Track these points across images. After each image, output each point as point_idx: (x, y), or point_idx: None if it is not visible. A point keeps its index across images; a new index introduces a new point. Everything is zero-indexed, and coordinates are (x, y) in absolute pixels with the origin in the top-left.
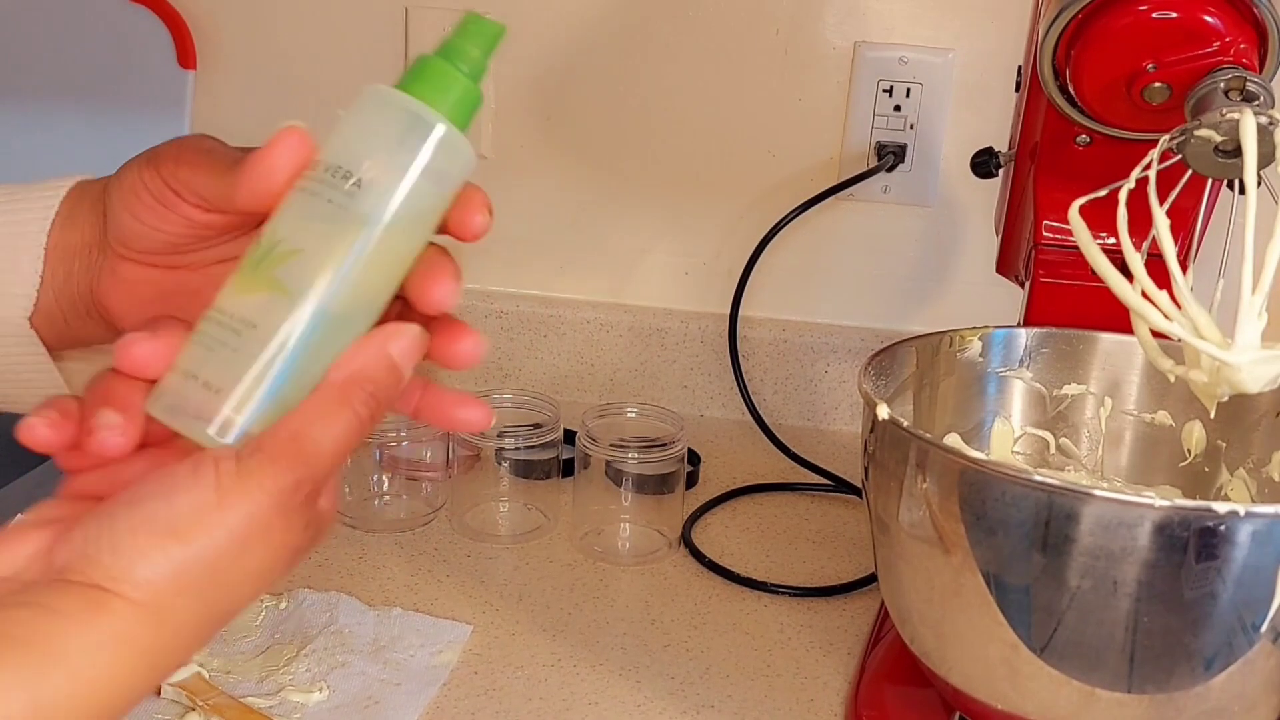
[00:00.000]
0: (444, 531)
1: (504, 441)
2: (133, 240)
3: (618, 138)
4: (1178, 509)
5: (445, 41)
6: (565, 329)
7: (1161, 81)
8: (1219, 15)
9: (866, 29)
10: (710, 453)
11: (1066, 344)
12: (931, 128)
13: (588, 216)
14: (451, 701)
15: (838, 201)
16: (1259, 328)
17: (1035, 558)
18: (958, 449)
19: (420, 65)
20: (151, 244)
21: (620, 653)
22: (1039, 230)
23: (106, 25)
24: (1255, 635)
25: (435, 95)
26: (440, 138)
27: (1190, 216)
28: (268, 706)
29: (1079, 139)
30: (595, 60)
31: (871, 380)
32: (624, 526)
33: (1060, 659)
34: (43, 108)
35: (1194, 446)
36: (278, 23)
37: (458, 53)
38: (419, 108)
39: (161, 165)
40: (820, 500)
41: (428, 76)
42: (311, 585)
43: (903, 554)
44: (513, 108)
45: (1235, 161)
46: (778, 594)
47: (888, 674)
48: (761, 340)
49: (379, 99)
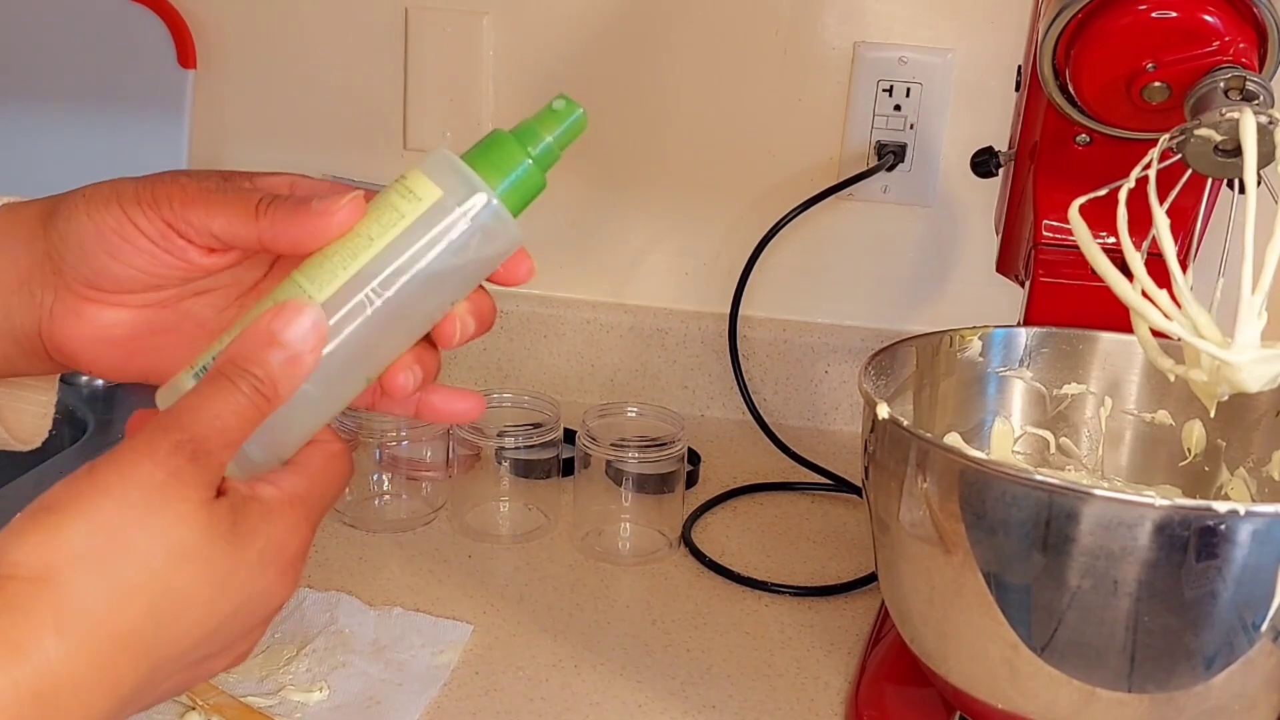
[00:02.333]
0: (444, 531)
1: (504, 441)
2: (108, 282)
3: (618, 138)
4: (1178, 508)
5: (525, 122)
6: (565, 329)
7: (1161, 81)
8: (1219, 15)
9: (866, 29)
10: (710, 452)
11: (1066, 343)
12: (931, 128)
13: (588, 216)
14: (452, 701)
15: (838, 201)
16: (1259, 327)
17: (1035, 557)
18: (958, 449)
19: (491, 139)
20: (131, 285)
21: (621, 653)
22: (1039, 230)
23: (106, 25)
24: (1255, 634)
25: (493, 171)
26: (480, 212)
27: (1190, 216)
28: (268, 706)
29: (1079, 139)
30: (595, 60)
31: (871, 380)
32: (624, 526)
33: (1060, 659)
34: (43, 108)
35: (1194, 446)
36: (278, 23)
37: (531, 135)
38: (472, 178)
39: (163, 207)
40: (820, 500)
41: (495, 151)
42: (312, 585)
43: (903, 554)
44: (513, 107)
45: (1235, 161)
46: (778, 594)
47: (888, 674)
48: (761, 340)
49: (441, 163)
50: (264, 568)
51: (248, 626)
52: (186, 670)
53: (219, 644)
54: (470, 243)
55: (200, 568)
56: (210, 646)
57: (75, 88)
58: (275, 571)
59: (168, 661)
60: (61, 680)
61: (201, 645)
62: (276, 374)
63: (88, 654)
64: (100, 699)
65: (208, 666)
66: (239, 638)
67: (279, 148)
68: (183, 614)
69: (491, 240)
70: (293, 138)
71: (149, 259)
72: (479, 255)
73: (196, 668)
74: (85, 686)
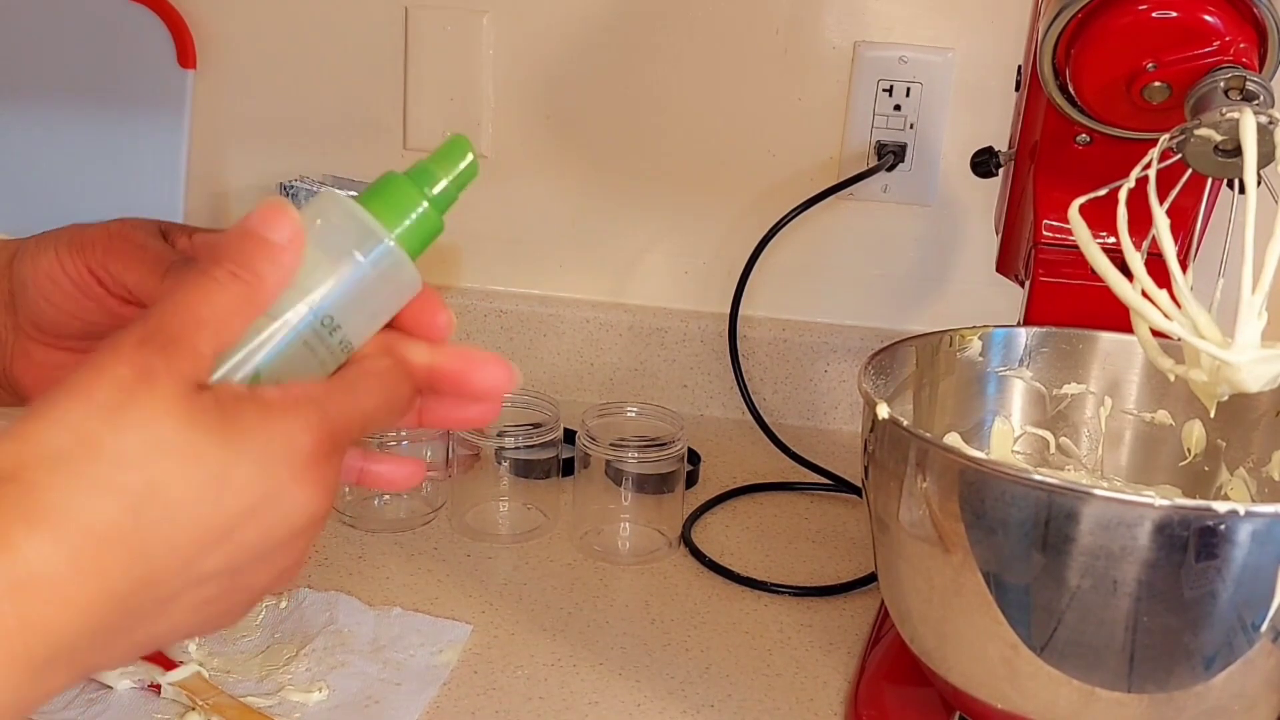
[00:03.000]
0: (444, 531)
1: (504, 441)
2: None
3: (618, 137)
4: (1178, 508)
5: (419, 163)
6: (565, 329)
7: (1161, 81)
8: (1219, 15)
9: (866, 29)
10: (710, 452)
11: (1066, 343)
12: (931, 127)
13: (588, 216)
14: (451, 701)
15: (838, 201)
16: (1259, 327)
17: (1035, 557)
18: (958, 448)
19: (385, 182)
20: (67, 329)
21: (620, 652)
22: (1039, 230)
23: (106, 25)
24: (1255, 634)
25: (390, 214)
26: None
27: (1190, 216)
28: (267, 706)
29: (1079, 138)
30: (595, 60)
31: (871, 380)
32: (624, 526)
33: (1060, 658)
34: (43, 108)
35: (1194, 446)
36: (278, 23)
37: (427, 176)
38: (370, 222)
39: (89, 253)
40: (820, 500)
41: (389, 194)
42: (311, 585)
43: (903, 553)
44: (513, 107)
45: (1235, 161)
46: (778, 594)
47: (888, 674)
48: (761, 340)
49: (333, 205)
50: (270, 467)
51: (276, 538)
52: (215, 584)
53: (245, 554)
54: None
55: (182, 462)
56: (232, 556)
57: (75, 88)
58: (288, 473)
59: (172, 568)
60: (37, 572)
61: (214, 552)
62: (256, 261)
63: (65, 549)
64: (91, 598)
65: (245, 582)
66: (272, 550)
67: (279, 148)
68: (173, 512)
69: (388, 283)
70: (293, 138)
71: (75, 304)
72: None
73: (230, 582)
74: (67, 580)
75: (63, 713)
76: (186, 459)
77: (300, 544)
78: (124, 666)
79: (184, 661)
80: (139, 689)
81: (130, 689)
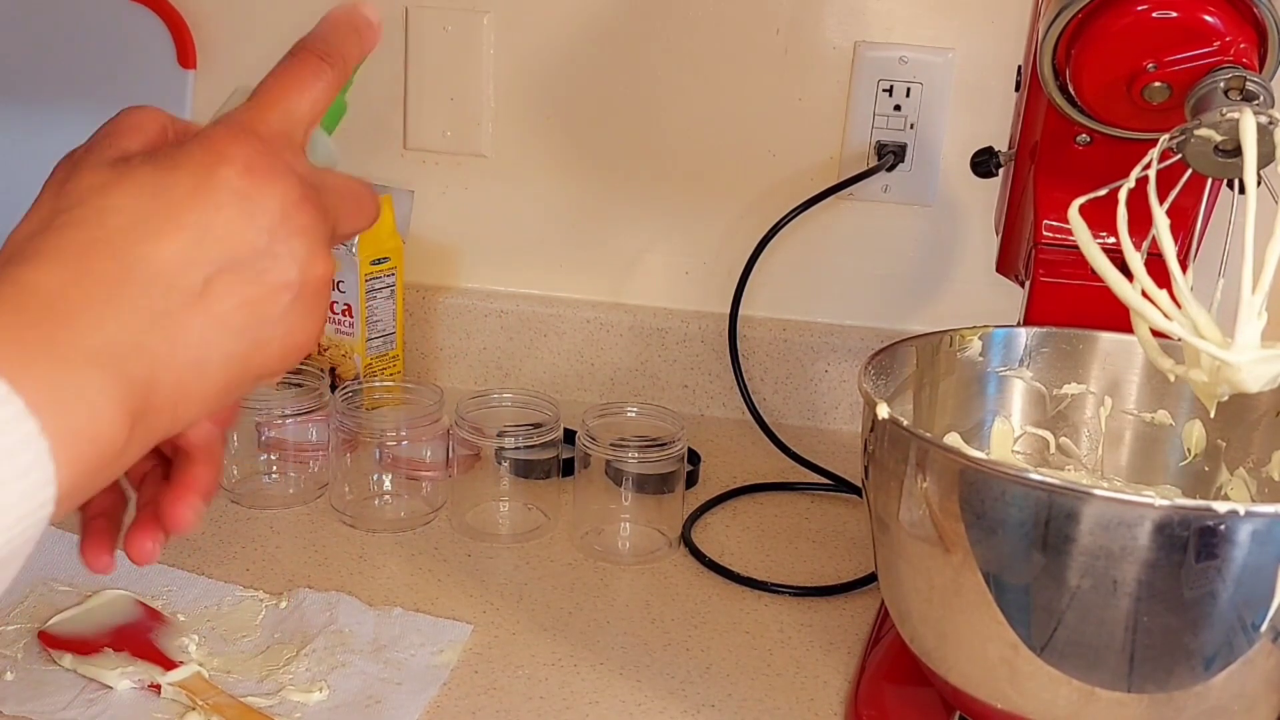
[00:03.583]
0: (444, 531)
1: (504, 441)
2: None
3: (618, 137)
4: (1178, 508)
5: None
6: (565, 329)
7: (1161, 81)
8: (1219, 15)
9: (866, 29)
10: (710, 452)
11: (1066, 343)
12: (931, 127)
13: (588, 216)
14: (452, 701)
15: (838, 201)
16: (1259, 327)
17: (1035, 557)
18: (957, 448)
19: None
20: None
21: (620, 652)
22: (1039, 230)
23: (106, 25)
24: (1255, 635)
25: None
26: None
27: (1190, 216)
28: (268, 706)
29: (1079, 138)
30: (595, 60)
31: (871, 380)
32: (624, 526)
33: (1060, 658)
34: (43, 108)
35: (1194, 446)
36: (278, 23)
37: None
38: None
39: None
40: (820, 500)
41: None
42: (311, 585)
43: (903, 553)
44: (512, 107)
45: (1235, 161)
46: (778, 593)
47: (888, 673)
48: (761, 340)
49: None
50: (210, 168)
51: (262, 223)
52: (232, 276)
53: (246, 246)
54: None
55: (127, 186)
56: (233, 246)
57: (75, 88)
58: (233, 172)
59: (168, 266)
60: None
61: (205, 248)
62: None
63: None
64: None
65: (261, 268)
66: (270, 238)
67: None
68: (138, 223)
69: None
70: None
71: None
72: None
73: (251, 270)
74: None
75: (63, 713)
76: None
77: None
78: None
79: (184, 661)
80: (139, 689)
81: (130, 689)
